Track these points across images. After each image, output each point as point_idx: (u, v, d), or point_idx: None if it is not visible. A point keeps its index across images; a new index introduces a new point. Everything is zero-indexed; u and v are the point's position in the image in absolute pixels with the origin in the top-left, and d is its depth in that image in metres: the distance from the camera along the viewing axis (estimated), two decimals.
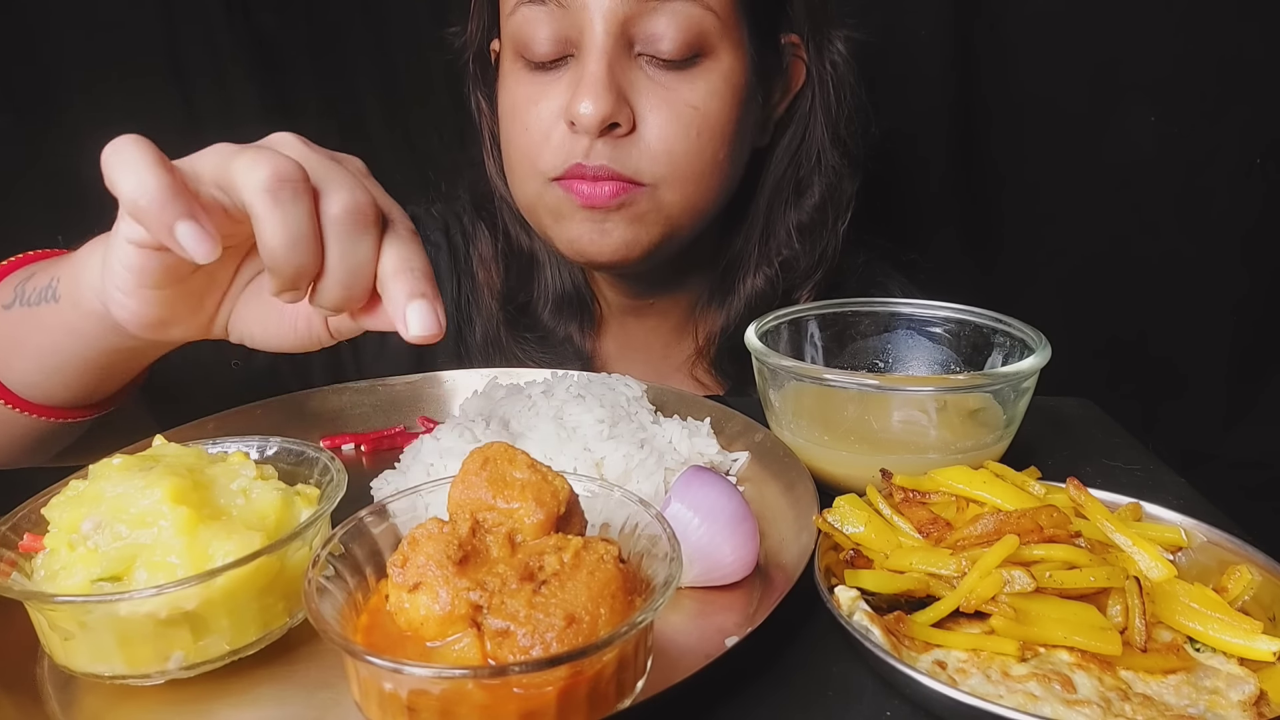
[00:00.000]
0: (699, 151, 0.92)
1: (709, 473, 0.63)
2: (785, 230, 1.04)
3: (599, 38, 0.87)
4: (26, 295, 0.71)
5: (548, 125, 0.91)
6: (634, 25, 0.87)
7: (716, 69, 0.91)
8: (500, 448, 0.52)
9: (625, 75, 0.88)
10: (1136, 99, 1.44)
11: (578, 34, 0.88)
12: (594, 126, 0.86)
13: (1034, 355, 0.73)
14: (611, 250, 0.93)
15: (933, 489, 0.64)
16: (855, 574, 0.57)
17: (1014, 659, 0.51)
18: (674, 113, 0.90)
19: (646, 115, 0.89)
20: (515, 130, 0.94)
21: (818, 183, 1.03)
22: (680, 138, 0.90)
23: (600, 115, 0.86)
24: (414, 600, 0.45)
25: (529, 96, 0.92)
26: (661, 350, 1.13)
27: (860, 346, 0.88)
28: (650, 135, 0.90)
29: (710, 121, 0.92)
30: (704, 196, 0.95)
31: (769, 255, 1.04)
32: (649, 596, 0.46)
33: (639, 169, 0.90)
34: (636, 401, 0.79)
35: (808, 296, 1.06)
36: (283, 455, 0.65)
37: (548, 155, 0.92)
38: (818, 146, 1.03)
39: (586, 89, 0.86)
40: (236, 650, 0.53)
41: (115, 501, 0.53)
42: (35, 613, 0.53)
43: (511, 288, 1.10)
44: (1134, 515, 0.63)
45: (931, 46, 1.48)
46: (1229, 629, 0.53)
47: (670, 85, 0.90)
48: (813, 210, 1.04)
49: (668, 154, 0.90)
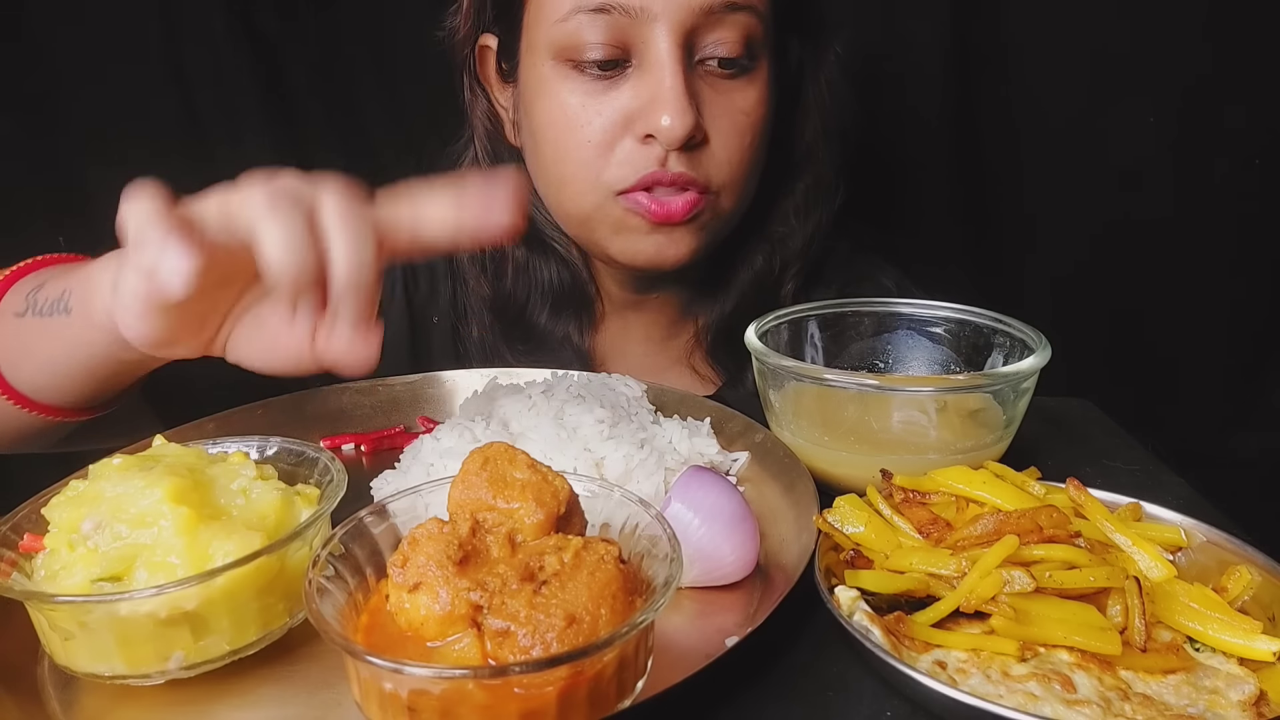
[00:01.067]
0: (751, 158, 0.95)
1: (709, 473, 0.63)
2: (781, 210, 1.07)
3: (669, 48, 0.86)
4: (38, 305, 0.73)
5: (612, 136, 0.89)
6: (697, 34, 0.87)
7: (761, 76, 0.93)
8: (500, 448, 0.52)
9: (692, 86, 0.88)
10: (1136, 99, 1.44)
11: (640, 43, 0.87)
12: (679, 140, 0.86)
13: (1034, 355, 0.73)
14: (676, 258, 0.95)
15: (933, 489, 0.64)
16: (855, 574, 0.57)
17: (1014, 659, 0.51)
18: (732, 121, 0.91)
19: (712, 125, 0.90)
20: (573, 141, 0.91)
21: (809, 170, 1.06)
22: (739, 146, 0.92)
23: (686, 129, 0.86)
24: (414, 600, 0.45)
25: (586, 106, 0.89)
26: (660, 342, 1.13)
27: (860, 346, 0.88)
28: (717, 145, 0.91)
29: (758, 127, 0.94)
30: (748, 197, 0.99)
31: (766, 233, 1.07)
32: (649, 597, 0.46)
33: (710, 178, 0.91)
34: (636, 401, 0.79)
35: (795, 276, 1.08)
36: (283, 455, 0.65)
37: (614, 168, 0.90)
38: (811, 139, 1.05)
39: (669, 103, 0.85)
40: (237, 650, 0.53)
41: (115, 501, 0.53)
42: (35, 613, 0.53)
43: (504, 295, 1.09)
44: (1134, 515, 0.63)
45: (931, 46, 1.48)
46: (1229, 629, 0.53)
47: (728, 94, 0.91)
48: (804, 192, 1.07)
49: (729, 162, 0.92)
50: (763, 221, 1.06)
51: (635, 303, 1.10)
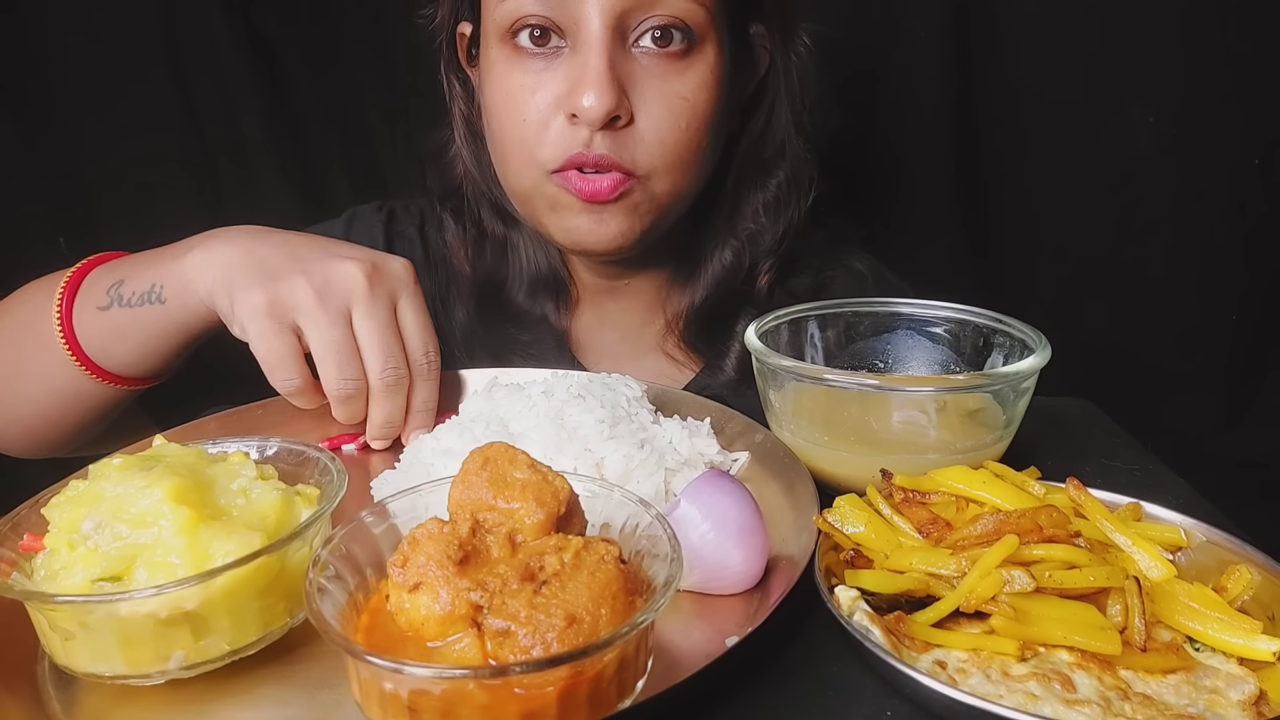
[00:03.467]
0: (688, 142, 0.94)
1: (726, 478, 0.62)
2: (752, 208, 1.07)
3: (598, 30, 0.87)
4: (125, 299, 0.86)
5: (546, 115, 0.91)
6: (630, 17, 0.88)
7: (704, 61, 0.93)
8: (500, 448, 0.52)
9: (623, 67, 0.89)
10: (1135, 99, 1.44)
11: (573, 24, 0.89)
12: (598, 120, 0.87)
13: (1034, 355, 0.73)
14: (608, 240, 0.95)
15: (933, 489, 0.64)
16: (855, 574, 0.57)
17: (1014, 659, 0.51)
18: (667, 105, 0.91)
19: (642, 107, 0.91)
20: (511, 120, 0.94)
21: (782, 165, 1.06)
22: (671, 129, 0.92)
23: (605, 109, 0.86)
24: (414, 600, 0.45)
25: (524, 86, 0.92)
26: (636, 328, 1.15)
27: (860, 346, 0.88)
28: (645, 127, 0.91)
29: (698, 112, 0.93)
30: (689, 184, 0.98)
31: (736, 231, 1.07)
32: (650, 597, 0.46)
33: (635, 160, 0.91)
34: (636, 402, 0.79)
35: (769, 271, 1.08)
36: (283, 455, 0.65)
37: (546, 147, 0.92)
38: (782, 132, 1.05)
39: (590, 82, 0.87)
40: (237, 650, 0.53)
41: (115, 501, 0.53)
42: (35, 613, 0.53)
43: (484, 274, 1.11)
44: (1134, 515, 0.63)
45: (930, 46, 1.48)
46: (1229, 629, 0.53)
47: (663, 77, 0.91)
48: (777, 189, 1.07)
49: (660, 145, 0.92)
50: (730, 217, 1.07)
51: (609, 290, 1.12)
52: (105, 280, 0.88)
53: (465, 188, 1.10)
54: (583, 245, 0.97)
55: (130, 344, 0.88)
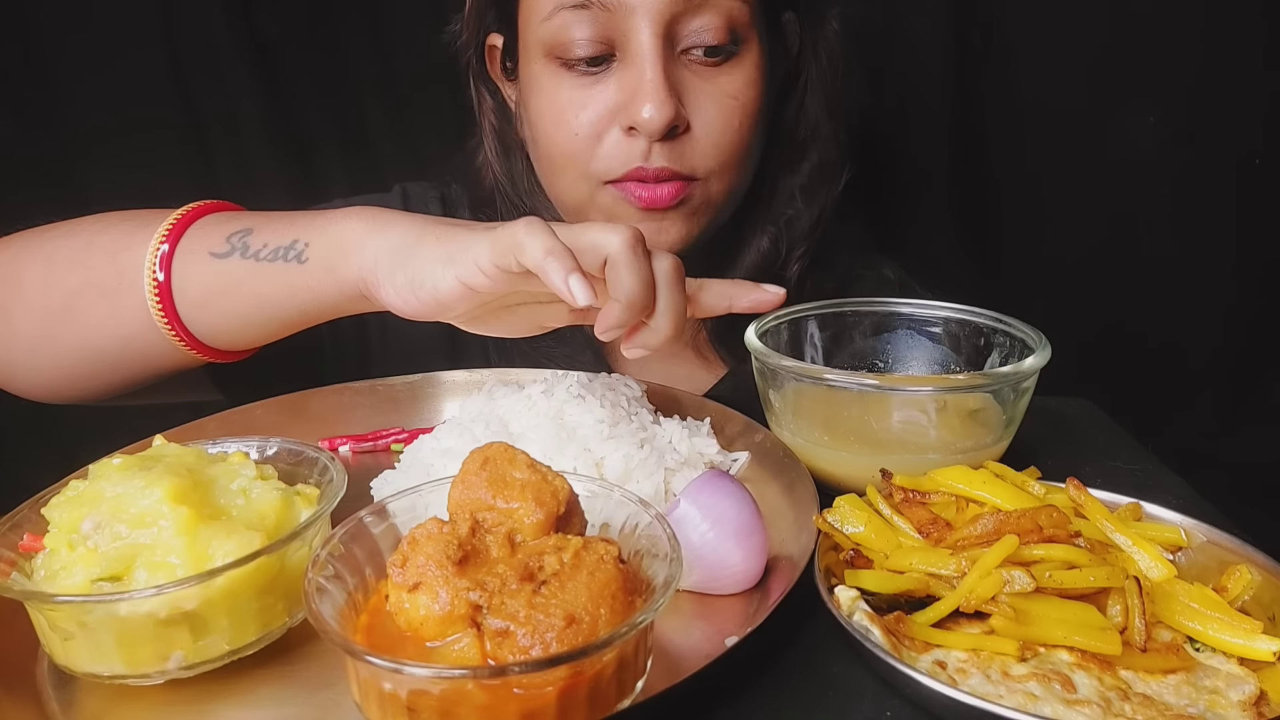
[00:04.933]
0: (741, 141, 0.94)
1: (726, 479, 0.62)
2: (788, 192, 1.07)
3: (649, 40, 0.87)
4: (252, 249, 0.75)
5: (600, 128, 0.91)
6: (678, 24, 0.88)
7: (749, 58, 0.93)
8: (500, 448, 0.52)
9: (675, 75, 0.89)
10: (1136, 99, 1.44)
11: (622, 36, 0.88)
12: (659, 131, 0.87)
13: (1034, 355, 0.73)
14: (669, 246, 0.94)
15: (933, 489, 0.64)
16: (855, 574, 0.57)
17: (1014, 659, 0.51)
18: (719, 106, 0.92)
19: (696, 112, 0.91)
20: (561, 134, 0.93)
21: (814, 149, 1.06)
22: (725, 130, 0.92)
23: (666, 120, 0.87)
24: (414, 600, 0.45)
25: (574, 100, 0.92)
26: None
27: (860, 346, 0.88)
28: (701, 131, 0.91)
29: (748, 110, 0.94)
30: (742, 180, 0.99)
31: (773, 216, 1.07)
32: (649, 597, 0.46)
33: (694, 166, 0.92)
34: (636, 401, 0.79)
35: (802, 258, 1.07)
36: (283, 455, 0.65)
37: (602, 160, 0.92)
38: (815, 116, 1.05)
39: (649, 94, 0.86)
40: (236, 650, 0.53)
41: (115, 501, 0.54)
42: (35, 613, 0.53)
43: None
44: (1134, 515, 0.63)
45: (931, 45, 1.48)
46: (1229, 629, 0.53)
47: (713, 79, 0.91)
48: (810, 173, 1.06)
49: (715, 148, 0.92)
50: (768, 203, 1.06)
51: None
52: (226, 226, 0.77)
53: (495, 199, 1.09)
54: None
55: (239, 303, 0.77)
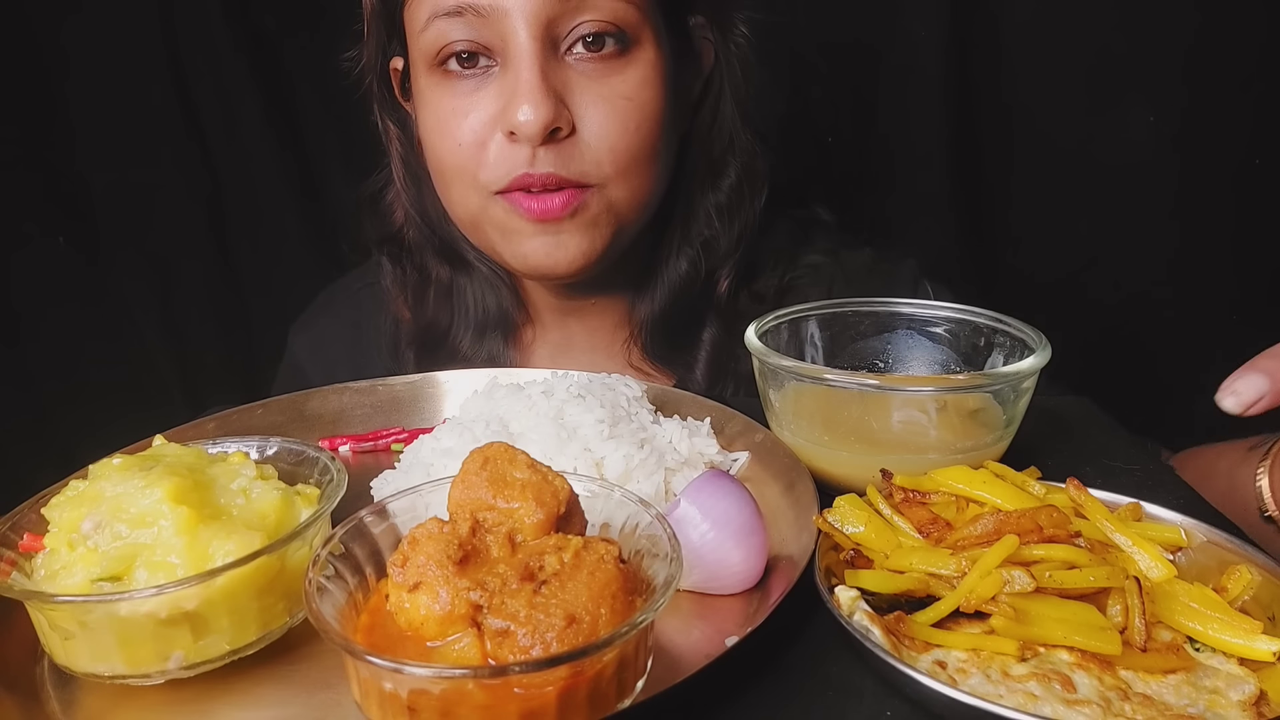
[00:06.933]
0: (639, 144, 0.91)
1: (727, 479, 0.62)
2: (705, 212, 1.03)
3: (526, 43, 0.84)
4: None
5: (482, 136, 0.89)
6: (558, 25, 0.86)
7: (643, 58, 0.90)
8: (500, 448, 0.52)
9: (558, 76, 0.86)
10: (1135, 99, 1.44)
11: (500, 42, 0.86)
12: (537, 134, 0.84)
13: (1034, 355, 0.73)
14: (568, 262, 0.92)
15: (933, 489, 0.64)
16: (855, 574, 0.57)
17: (1014, 659, 0.51)
18: (610, 107, 0.88)
19: (583, 114, 0.88)
20: (446, 145, 0.91)
21: (733, 163, 1.03)
22: (620, 133, 0.89)
23: (542, 122, 0.84)
24: (414, 600, 0.45)
25: (456, 109, 0.89)
26: (604, 346, 1.11)
27: (860, 346, 0.88)
28: (590, 134, 0.88)
29: (645, 111, 0.90)
30: (647, 188, 0.95)
31: (690, 237, 1.03)
32: (649, 596, 0.46)
33: (585, 171, 0.88)
34: (636, 401, 0.79)
35: (728, 276, 1.05)
36: (283, 455, 0.65)
37: (488, 169, 0.89)
38: (729, 127, 1.02)
39: (523, 96, 0.84)
40: (236, 650, 0.53)
41: (115, 501, 0.54)
42: (35, 613, 0.53)
43: (426, 321, 1.07)
44: (1134, 515, 0.63)
45: (930, 45, 1.48)
46: (1229, 629, 0.53)
47: (602, 79, 0.88)
48: (730, 190, 1.03)
49: (610, 150, 0.89)
50: (686, 223, 1.03)
51: (573, 310, 1.08)
52: None
53: (406, 232, 1.07)
54: (541, 270, 0.93)
55: None
